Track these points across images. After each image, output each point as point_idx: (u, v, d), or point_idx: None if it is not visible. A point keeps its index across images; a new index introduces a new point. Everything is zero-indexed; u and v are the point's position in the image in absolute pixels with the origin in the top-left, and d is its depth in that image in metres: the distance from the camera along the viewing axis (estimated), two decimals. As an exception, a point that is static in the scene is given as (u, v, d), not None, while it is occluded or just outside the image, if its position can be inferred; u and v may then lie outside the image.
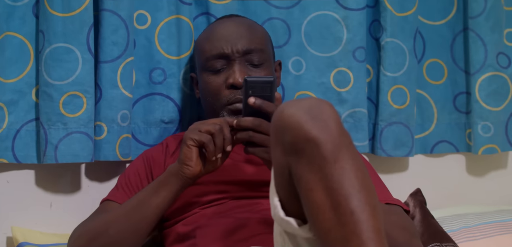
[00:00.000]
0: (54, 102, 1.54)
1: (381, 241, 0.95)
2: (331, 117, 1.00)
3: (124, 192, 1.51)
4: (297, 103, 1.02)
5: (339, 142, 0.98)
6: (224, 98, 1.49)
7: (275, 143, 1.04)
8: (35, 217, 1.63)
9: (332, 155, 0.97)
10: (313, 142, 0.97)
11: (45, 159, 1.56)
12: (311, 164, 0.98)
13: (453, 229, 1.67)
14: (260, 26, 1.62)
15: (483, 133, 1.86)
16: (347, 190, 0.96)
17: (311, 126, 0.98)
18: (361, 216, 0.95)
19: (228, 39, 1.51)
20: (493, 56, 1.85)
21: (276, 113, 1.03)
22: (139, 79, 1.68)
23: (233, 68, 1.50)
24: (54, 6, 1.52)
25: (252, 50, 1.51)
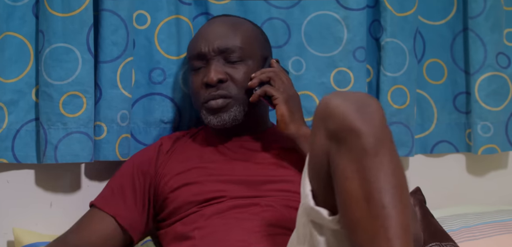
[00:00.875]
0: (54, 102, 1.54)
1: (408, 240, 0.97)
2: (377, 112, 1.03)
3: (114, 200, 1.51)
4: (345, 95, 1.06)
5: (381, 137, 1.01)
6: (201, 97, 1.52)
7: (317, 128, 1.07)
8: (35, 217, 1.63)
9: (373, 148, 0.99)
10: (356, 133, 1.00)
11: (45, 159, 1.56)
12: (351, 154, 1.00)
13: (453, 228, 1.67)
14: (248, 24, 1.61)
15: (482, 133, 1.86)
16: (382, 185, 0.98)
17: (356, 117, 1.01)
18: (392, 212, 0.97)
19: (207, 38, 1.53)
20: (493, 56, 1.85)
21: (322, 101, 1.07)
22: (138, 79, 1.68)
23: (209, 67, 1.51)
24: (54, 6, 1.52)
25: (229, 48, 1.52)
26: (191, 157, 1.54)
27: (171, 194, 1.48)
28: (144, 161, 1.55)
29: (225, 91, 1.50)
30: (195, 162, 1.52)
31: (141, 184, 1.53)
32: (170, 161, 1.54)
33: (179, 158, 1.54)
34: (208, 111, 1.51)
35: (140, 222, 1.52)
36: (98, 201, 1.53)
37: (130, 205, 1.51)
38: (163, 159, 1.55)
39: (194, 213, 1.44)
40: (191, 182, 1.48)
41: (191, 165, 1.51)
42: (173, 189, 1.48)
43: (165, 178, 1.51)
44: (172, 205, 1.47)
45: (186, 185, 1.48)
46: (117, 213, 1.50)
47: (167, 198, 1.49)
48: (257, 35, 1.60)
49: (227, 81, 1.51)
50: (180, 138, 1.61)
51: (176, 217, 1.47)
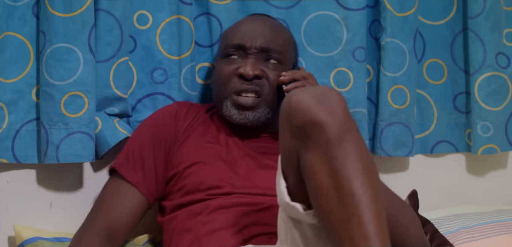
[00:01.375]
0: (56, 102, 1.54)
1: (381, 224, 0.98)
2: (338, 103, 1.04)
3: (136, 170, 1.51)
4: (306, 90, 1.07)
5: (344, 127, 1.02)
6: (231, 85, 1.53)
7: (283, 126, 1.08)
8: (35, 217, 1.63)
9: (337, 138, 1.01)
10: (319, 125, 1.01)
11: (46, 159, 1.56)
12: (317, 147, 1.02)
13: (452, 230, 1.67)
14: (286, 30, 1.66)
15: (482, 133, 1.86)
16: (350, 172, 0.99)
17: (318, 110, 1.02)
18: (363, 198, 0.98)
19: (250, 33, 1.55)
20: (493, 56, 1.85)
21: (286, 99, 1.08)
22: (140, 79, 1.68)
23: (247, 60, 1.53)
24: (55, 6, 1.52)
25: (270, 49, 1.55)
26: (206, 134, 1.55)
27: (185, 170, 1.49)
28: (161, 129, 1.55)
29: (258, 87, 1.52)
30: (210, 140, 1.54)
31: (160, 153, 1.53)
32: (186, 131, 1.55)
33: (195, 132, 1.56)
34: (234, 105, 1.53)
35: (157, 188, 1.53)
36: (121, 168, 1.52)
37: (149, 172, 1.52)
38: (180, 126, 1.56)
39: (199, 202, 1.44)
40: (204, 161, 1.49)
41: (206, 142, 1.53)
42: (186, 165, 1.49)
43: (182, 150, 1.52)
44: (183, 181, 1.48)
45: (199, 163, 1.49)
46: (138, 182, 1.51)
47: (180, 172, 1.50)
48: (293, 42, 1.65)
49: (262, 79, 1.53)
50: (195, 109, 1.62)
51: (183, 199, 1.47)
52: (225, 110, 1.54)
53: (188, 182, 1.48)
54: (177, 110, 1.59)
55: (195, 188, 1.46)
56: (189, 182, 1.48)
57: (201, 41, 1.74)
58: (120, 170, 1.52)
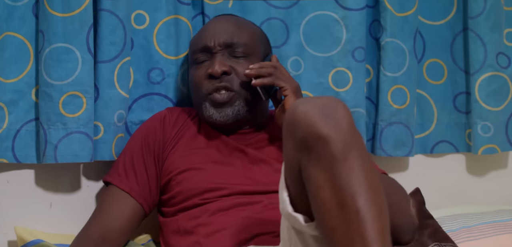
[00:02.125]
0: (54, 102, 1.54)
1: (385, 243, 0.96)
2: (344, 117, 1.01)
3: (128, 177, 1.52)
4: (311, 101, 1.04)
5: (350, 142, 1.00)
6: (204, 88, 1.53)
7: (286, 137, 1.06)
8: (35, 217, 1.64)
9: (341, 153, 0.98)
10: (324, 140, 0.99)
11: (44, 159, 1.56)
12: (321, 162, 1.00)
13: (452, 229, 1.66)
14: (251, 24, 1.64)
15: (482, 133, 1.86)
16: (354, 189, 0.97)
17: (322, 123, 1.00)
18: (367, 216, 0.96)
19: (213, 33, 1.55)
20: (493, 56, 1.85)
21: (290, 109, 1.05)
22: (137, 79, 1.68)
23: (214, 60, 1.53)
24: (54, 6, 1.52)
25: (234, 43, 1.54)
26: (196, 140, 1.56)
27: (177, 176, 1.50)
28: (150, 134, 1.56)
29: (228, 84, 1.52)
30: (200, 145, 1.54)
31: (150, 158, 1.54)
32: (176, 137, 1.56)
33: (185, 137, 1.56)
34: (212, 104, 1.52)
35: (151, 195, 1.53)
36: (114, 179, 1.53)
37: (142, 180, 1.53)
38: (169, 131, 1.56)
39: (197, 207, 1.45)
40: (196, 167, 1.49)
41: (196, 148, 1.53)
42: (179, 171, 1.50)
43: (172, 157, 1.53)
44: (178, 188, 1.48)
45: (191, 169, 1.49)
46: (131, 189, 1.51)
47: (173, 180, 1.50)
48: (260, 34, 1.63)
49: (231, 74, 1.52)
50: (186, 113, 1.62)
51: (180, 205, 1.48)
52: (205, 112, 1.54)
53: (182, 188, 1.48)
54: (166, 116, 1.59)
55: (191, 194, 1.47)
56: (184, 189, 1.48)
57: (200, 41, 1.74)
58: (113, 180, 1.53)
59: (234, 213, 1.41)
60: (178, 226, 1.46)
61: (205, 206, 1.44)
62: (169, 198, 1.51)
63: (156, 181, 1.54)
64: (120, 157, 1.58)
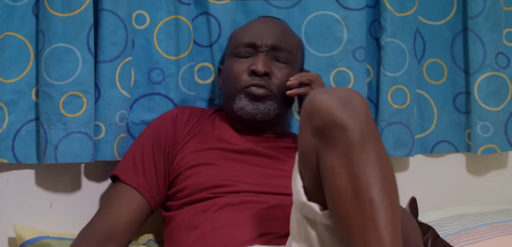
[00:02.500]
0: (54, 102, 1.54)
1: (396, 232, 0.98)
2: (362, 107, 1.03)
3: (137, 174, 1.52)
4: (329, 91, 1.06)
5: (367, 131, 1.01)
6: (243, 81, 1.55)
7: (304, 125, 1.08)
8: (35, 217, 1.63)
9: (359, 142, 1.00)
10: (342, 128, 1.01)
11: (45, 159, 1.56)
12: (338, 149, 1.01)
13: (452, 232, 1.66)
14: (295, 34, 1.67)
15: (482, 133, 1.86)
16: (370, 178, 0.99)
17: (341, 112, 1.02)
18: (380, 205, 0.98)
19: (261, 32, 1.57)
20: (492, 56, 1.85)
21: (308, 98, 1.07)
22: (138, 79, 1.68)
23: (258, 58, 1.55)
24: (54, 6, 1.52)
25: (281, 48, 1.57)
26: (210, 137, 1.56)
27: (187, 170, 1.50)
28: (161, 133, 1.56)
29: (267, 84, 1.54)
30: (213, 142, 1.54)
31: (160, 157, 1.54)
32: (188, 135, 1.56)
33: (198, 135, 1.56)
34: (247, 96, 1.54)
35: (159, 193, 1.53)
36: (122, 174, 1.53)
37: (150, 177, 1.52)
38: (181, 130, 1.57)
39: (206, 200, 1.45)
40: (208, 162, 1.50)
41: (209, 145, 1.54)
42: (189, 166, 1.50)
43: (183, 153, 1.53)
44: (186, 182, 1.49)
45: (203, 164, 1.49)
46: (140, 185, 1.51)
47: (182, 174, 1.50)
48: (301, 47, 1.67)
49: (272, 76, 1.55)
50: (197, 113, 1.63)
51: (187, 199, 1.47)
52: (238, 103, 1.55)
53: (190, 182, 1.48)
54: (178, 114, 1.60)
55: (199, 188, 1.47)
56: (192, 183, 1.48)
57: (201, 41, 1.74)
58: (121, 175, 1.53)
59: (241, 210, 1.41)
60: (183, 220, 1.46)
61: (213, 200, 1.44)
62: (176, 192, 1.51)
63: (165, 178, 1.53)
64: (128, 152, 1.57)
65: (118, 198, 1.50)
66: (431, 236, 1.62)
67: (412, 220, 1.46)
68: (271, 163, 1.52)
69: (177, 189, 1.51)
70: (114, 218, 1.48)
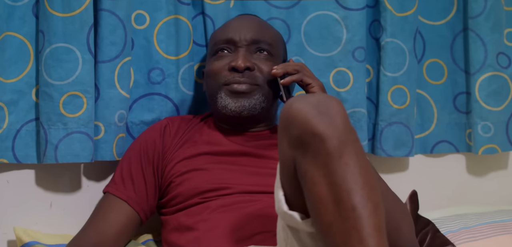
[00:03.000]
0: (54, 102, 1.54)
1: (382, 239, 0.97)
2: (339, 113, 1.02)
3: (125, 185, 1.52)
4: (305, 99, 1.05)
5: (345, 138, 1.00)
6: (223, 78, 1.53)
7: (282, 135, 1.07)
8: (35, 217, 1.64)
9: (337, 150, 0.99)
10: (319, 137, 1.00)
11: (45, 159, 1.56)
12: (316, 159, 1.00)
13: (453, 230, 1.66)
14: (273, 28, 1.65)
15: (483, 133, 1.86)
16: (350, 186, 0.98)
17: (318, 121, 1.00)
18: (363, 212, 0.96)
19: (239, 28, 1.56)
20: (493, 56, 1.85)
21: (285, 107, 1.06)
22: (137, 79, 1.68)
23: (238, 53, 1.53)
24: (54, 6, 1.52)
25: (260, 40, 1.55)
26: (198, 143, 1.55)
27: (177, 178, 1.50)
28: (149, 145, 1.56)
29: (250, 79, 1.52)
30: (202, 148, 1.53)
31: (148, 168, 1.54)
32: (177, 144, 1.55)
33: (187, 143, 1.56)
34: (228, 94, 1.52)
35: (148, 204, 1.53)
36: (111, 188, 1.53)
37: (139, 188, 1.52)
38: (169, 142, 1.56)
39: (199, 204, 1.45)
40: (198, 168, 1.49)
41: (198, 150, 1.53)
42: (180, 173, 1.50)
43: (172, 163, 1.52)
44: (177, 189, 1.48)
45: (193, 170, 1.49)
46: (129, 197, 1.51)
47: (173, 182, 1.50)
48: (282, 40, 1.65)
49: (254, 70, 1.53)
50: (186, 122, 1.62)
51: (181, 205, 1.47)
52: (220, 101, 1.53)
53: (182, 190, 1.48)
54: (167, 126, 1.59)
55: (191, 194, 1.46)
56: (184, 190, 1.48)
57: (200, 41, 1.74)
58: (109, 189, 1.53)
59: (235, 210, 1.41)
60: (179, 223, 1.46)
61: (206, 203, 1.44)
62: (169, 200, 1.51)
63: (154, 189, 1.54)
64: (117, 168, 1.57)
65: (108, 210, 1.51)
66: (431, 230, 1.62)
67: (405, 211, 1.44)
68: (262, 162, 1.51)
69: (169, 197, 1.51)
70: (102, 229, 1.48)
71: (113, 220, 1.49)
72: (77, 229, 1.51)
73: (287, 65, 1.51)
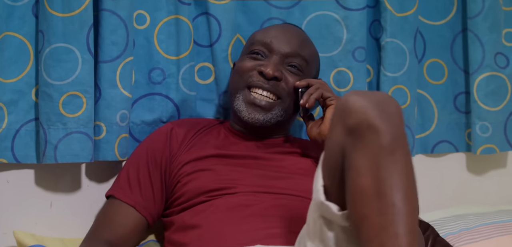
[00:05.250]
0: (54, 102, 1.54)
1: (414, 241, 0.98)
2: (396, 113, 1.04)
3: (132, 190, 1.52)
4: (366, 93, 1.07)
5: (399, 137, 1.02)
6: (249, 78, 1.55)
7: (335, 123, 1.08)
8: (35, 217, 1.63)
9: (390, 146, 1.00)
10: (375, 129, 1.01)
11: (44, 159, 1.55)
12: (367, 150, 1.02)
13: (452, 231, 1.66)
14: (314, 46, 1.66)
15: (481, 133, 1.86)
16: (395, 183, 0.99)
17: (375, 114, 1.02)
18: (402, 210, 0.98)
19: (279, 37, 1.57)
20: (491, 56, 1.85)
21: (343, 98, 1.07)
22: (138, 79, 1.68)
23: (270, 61, 1.54)
24: (54, 6, 1.52)
25: (295, 54, 1.56)
26: (207, 146, 1.56)
27: (184, 178, 1.50)
28: (156, 149, 1.56)
29: (275, 89, 1.53)
30: (211, 151, 1.54)
31: (156, 173, 1.53)
32: (185, 148, 1.55)
33: (195, 146, 1.56)
34: (246, 101, 1.54)
35: (156, 208, 1.53)
36: (118, 193, 1.53)
37: (146, 193, 1.52)
38: (177, 146, 1.56)
39: (204, 203, 1.45)
40: (205, 168, 1.49)
41: (206, 153, 1.53)
42: (186, 173, 1.50)
43: (180, 165, 1.52)
44: (183, 189, 1.48)
45: (200, 171, 1.49)
46: (136, 203, 1.51)
47: (180, 182, 1.50)
48: (318, 59, 1.66)
49: (281, 81, 1.54)
50: (194, 125, 1.63)
51: (186, 204, 1.47)
52: (237, 103, 1.55)
53: (188, 188, 1.48)
54: (172, 129, 1.59)
55: (197, 192, 1.47)
56: (190, 188, 1.48)
57: (201, 41, 1.74)
58: (116, 194, 1.53)
59: (240, 209, 1.41)
60: (183, 222, 1.46)
61: (210, 201, 1.44)
62: (175, 199, 1.51)
63: (161, 193, 1.54)
64: (122, 171, 1.57)
65: (116, 214, 1.51)
66: (431, 234, 1.62)
67: None
68: (270, 165, 1.52)
69: (175, 196, 1.51)
70: (109, 232, 1.48)
71: (123, 224, 1.49)
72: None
73: (311, 79, 1.54)
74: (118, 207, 1.51)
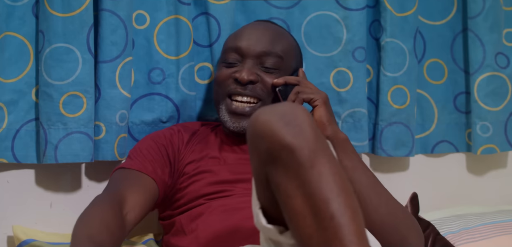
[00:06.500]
0: (54, 102, 1.54)
1: (363, 244, 0.95)
2: (306, 122, 0.99)
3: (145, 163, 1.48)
4: (271, 110, 1.01)
5: (315, 147, 0.98)
6: (226, 87, 1.53)
7: (251, 151, 1.04)
8: (35, 217, 1.63)
9: (308, 160, 0.97)
10: (288, 148, 0.97)
11: (45, 159, 1.56)
12: (288, 171, 0.97)
13: (452, 230, 1.66)
14: (289, 37, 1.61)
15: (481, 132, 1.86)
16: (326, 195, 0.95)
17: (285, 132, 0.97)
18: (342, 220, 0.94)
19: (249, 38, 1.54)
20: (492, 56, 1.85)
21: (251, 121, 1.02)
22: (138, 79, 1.68)
23: (244, 65, 1.52)
24: (54, 6, 1.52)
25: (268, 54, 1.53)
26: (208, 148, 1.55)
27: (185, 180, 1.49)
28: (167, 141, 1.54)
29: (253, 92, 1.51)
30: (212, 152, 1.53)
31: (165, 154, 1.52)
32: (188, 150, 1.55)
33: (196, 149, 1.55)
34: (229, 111, 1.52)
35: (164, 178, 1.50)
36: (128, 165, 1.49)
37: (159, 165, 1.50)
38: (183, 148, 1.55)
39: (201, 205, 1.45)
40: (205, 170, 1.49)
41: (206, 156, 1.53)
42: (188, 176, 1.50)
43: (182, 166, 1.52)
44: (182, 192, 1.48)
45: (200, 172, 1.49)
46: (149, 170, 1.47)
47: (181, 183, 1.50)
48: (294, 49, 1.61)
49: (257, 83, 1.52)
50: (196, 130, 1.62)
51: (184, 207, 1.47)
52: (222, 114, 1.54)
53: (186, 192, 1.48)
54: (179, 131, 1.59)
55: (195, 196, 1.47)
56: (188, 191, 1.48)
57: (201, 41, 1.74)
58: (127, 165, 1.49)
59: (236, 211, 1.41)
60: (181, 225, 1.46)
61: (207, 204, 1.44)
62: (174, 201, 1.51)
63: (170, 171, 1.50)
64: (133, 151, 1.53)
65: (130, 179, 1.45)
66: (431, 232, 1.62)
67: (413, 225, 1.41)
68: None
69: (175, 198, 1.51)
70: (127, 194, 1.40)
71: (137, 188, 1.43)
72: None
73: (288, 77, 1.51)
74: (128, 174, 1.46)
